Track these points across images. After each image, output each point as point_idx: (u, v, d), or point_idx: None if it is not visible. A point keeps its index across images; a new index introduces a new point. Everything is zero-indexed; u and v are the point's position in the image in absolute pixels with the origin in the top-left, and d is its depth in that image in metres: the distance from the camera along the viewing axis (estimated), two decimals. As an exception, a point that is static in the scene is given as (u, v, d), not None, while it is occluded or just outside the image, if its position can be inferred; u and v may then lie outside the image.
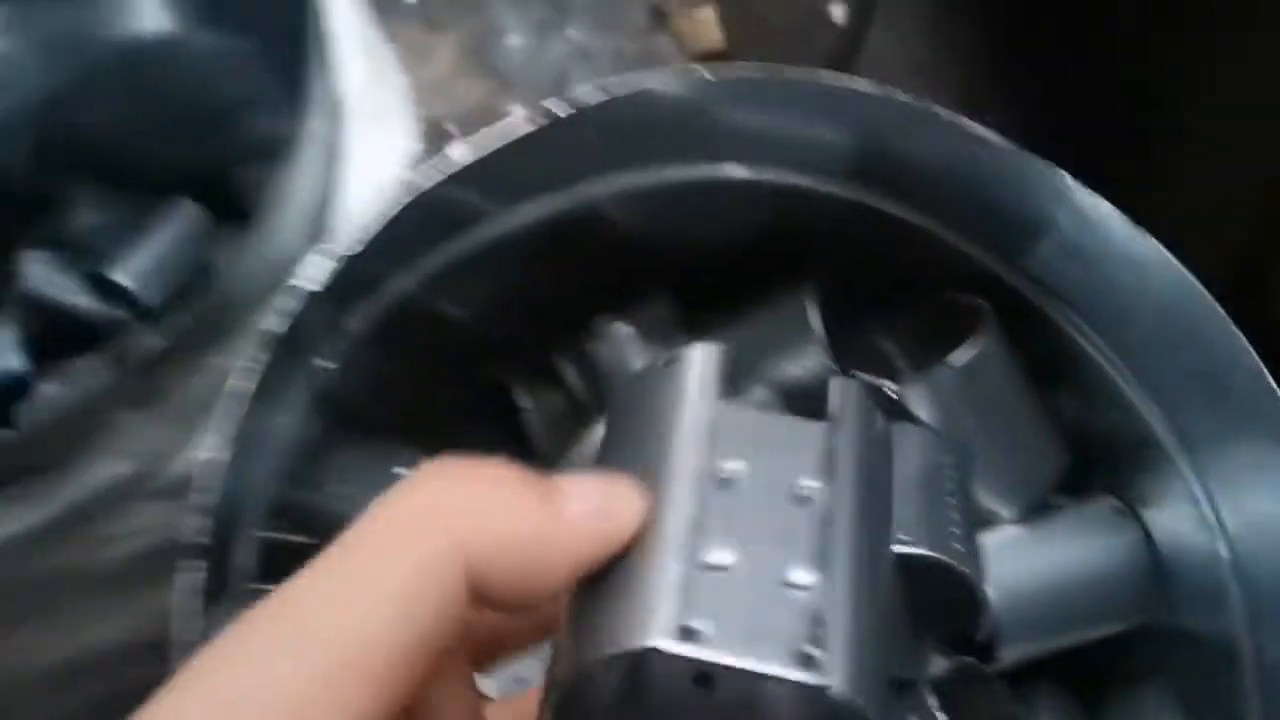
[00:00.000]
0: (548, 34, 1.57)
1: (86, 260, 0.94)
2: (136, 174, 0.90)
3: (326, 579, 0.22)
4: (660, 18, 1.59)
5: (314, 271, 0.45)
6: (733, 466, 0.27)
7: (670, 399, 0.28)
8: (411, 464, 0.38)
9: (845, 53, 1.50)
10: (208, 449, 0.41)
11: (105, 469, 0.49)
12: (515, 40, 1.56)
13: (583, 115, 0.50)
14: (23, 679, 0.63)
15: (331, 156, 0.53)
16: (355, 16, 0.57)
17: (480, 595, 0.23)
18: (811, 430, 0.28)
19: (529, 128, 0.49)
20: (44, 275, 0.92)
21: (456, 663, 0.27)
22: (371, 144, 0.53)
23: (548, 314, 0.59)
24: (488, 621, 0.28)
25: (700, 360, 0.29)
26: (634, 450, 0.28)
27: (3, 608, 0.57)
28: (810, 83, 0.50)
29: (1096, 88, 1.23)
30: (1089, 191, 0.48)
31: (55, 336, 0.97)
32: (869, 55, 1.50)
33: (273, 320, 0.43)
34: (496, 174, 0.50)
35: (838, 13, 1.62)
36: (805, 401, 0.59)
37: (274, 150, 0.85)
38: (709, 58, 1.57)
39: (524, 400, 0.63)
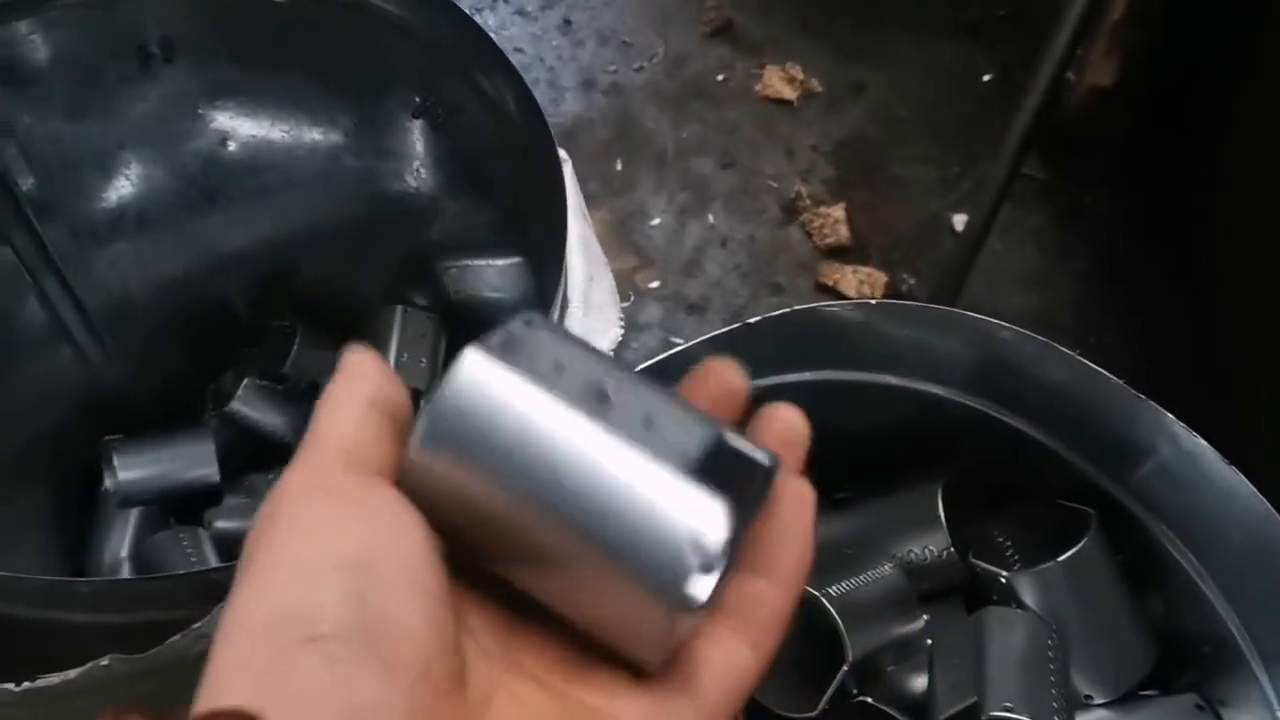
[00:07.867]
0: (688, 219, 1.67)
1: (286, 385, 1.06)
2: (348, 317, 1.01)
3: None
4: (792, 212, 1.70)
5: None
6: None
7: None
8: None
9: (964, 260, 1.56)
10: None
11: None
12: (658, 222, 1.68)
13: (766, 324, 0.61)
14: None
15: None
16: (580, 222, 0.69)
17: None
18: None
19: (724, 330, 0.60)
20: (249, 398, 1.04)
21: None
22: (586, 330, 0.64)
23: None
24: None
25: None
26: None
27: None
28: (954, 314, 0.61)
29: (1190, 310, 1.32)
30: (1187, 429, 0.57)
31: (241, 451, 1.09)
32: (985, 263, 1.57)
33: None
34: (693, 364, 0.61)
35: (958, 222, 1.71)
36: (926, 579, 0.68)
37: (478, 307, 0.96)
38: (835, 252, 1.66)
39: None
